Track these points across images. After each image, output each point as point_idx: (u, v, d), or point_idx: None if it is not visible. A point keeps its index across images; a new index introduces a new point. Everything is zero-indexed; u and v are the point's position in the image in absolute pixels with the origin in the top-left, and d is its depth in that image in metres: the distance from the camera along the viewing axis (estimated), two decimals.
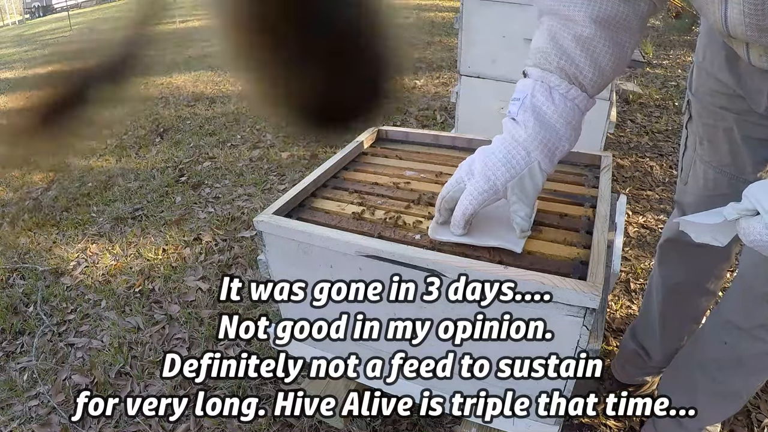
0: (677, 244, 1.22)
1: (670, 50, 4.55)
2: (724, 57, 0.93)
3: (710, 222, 0.67)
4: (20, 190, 2.98)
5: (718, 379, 1.08)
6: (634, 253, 1.96)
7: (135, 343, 1.71)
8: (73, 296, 1.98)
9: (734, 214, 0.63)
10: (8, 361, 1.71)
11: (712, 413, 1.16)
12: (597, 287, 0.78)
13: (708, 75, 1.00)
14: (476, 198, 0.82)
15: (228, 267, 2.05)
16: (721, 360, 1.07)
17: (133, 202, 2.64)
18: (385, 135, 1.50)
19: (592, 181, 1.20)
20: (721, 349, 1.06)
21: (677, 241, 1.21)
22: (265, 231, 1.04)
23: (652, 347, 1.34)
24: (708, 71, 1.00)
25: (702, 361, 1.11)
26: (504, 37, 1.92)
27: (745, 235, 0.62)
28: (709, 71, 0.99)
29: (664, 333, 1.31)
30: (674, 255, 1.24)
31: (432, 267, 0.88)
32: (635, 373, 1.41)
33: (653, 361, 1.36)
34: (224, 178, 2.80)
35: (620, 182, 2.46)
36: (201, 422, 1.41)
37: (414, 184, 1.22)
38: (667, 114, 3.22)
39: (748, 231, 0.61)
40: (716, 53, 0.96)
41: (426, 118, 3.33)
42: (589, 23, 0.74)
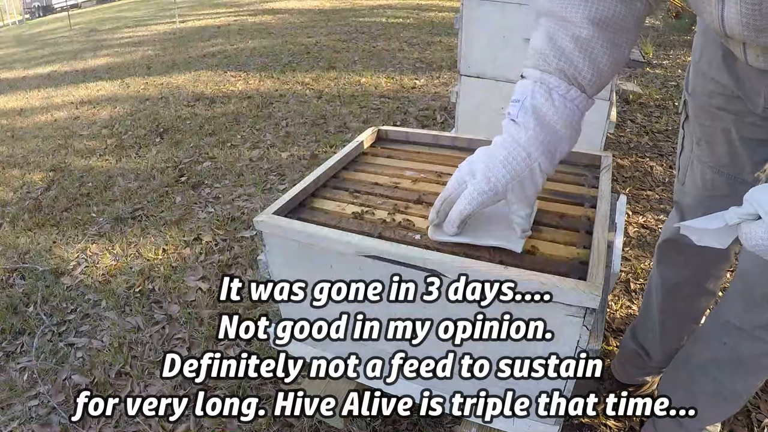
0: (676, 244, 1.22)
1: (670, 50, 4.55)
2: (721, 57, 0.93)
3: (712, 227, 0.67)
4: (20, 190, 2.98)
5: (717, 379, 1.08)
6: (634, 253, 1.96)
7: (135, 343, 1.71)
8: (73, 296, 1.99)
9: (735, 218, 0.63)
10: (8, 361, 1.71)
11: (712, 413, 1.16)
12: (597, 287, 0.78)
13: (705, 76, 1.00)
14: (475, 199, 0.82)
15: (228, 267, 2.05)
16: (720, 360, 1.07)
17: (133, 202, 2.64)
18: (385, 135, 1.50)
19: (592, 181, 1.20)
20: (720, 349, 1.06)
21: (676, 242, 1.21)
22: (265, 231, 1.04)
23: (652, 347, 1.34)
24: (705, 72, 0.99)
25: (702, 362, 1.11)
26: (504, 37, 1.92)
27: (747, 240, 0.61)
28: (705, 72, 0.99)
29: (664, 333, 1.31)
30: (673, 255, 1.24)
31: (432, 267, 0.88)
32: (635, 373, 1.41)
33: (653, 361, 1.36)
34: (224, 178, 2.80)
35: (620, 182, 2.46)
36: (201, 422, 1.41)
37: (414, 184, 1.22)
38: (667, 114, 3.22)
39: (750, 236, 0.61)
40: (713, 54, 0.95)
41: (426, 118, 3.33)
42: (587, 24, 0.74)
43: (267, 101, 3.93)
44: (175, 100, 4.20)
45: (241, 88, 4.34)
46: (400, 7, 7.69)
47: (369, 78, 4.29)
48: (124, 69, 5.64)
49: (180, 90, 4.48)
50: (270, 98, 4.00)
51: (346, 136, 3.16)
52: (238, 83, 4.49)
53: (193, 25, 8.05)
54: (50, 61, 6.93)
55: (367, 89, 4.00)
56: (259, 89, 4.26)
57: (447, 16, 6.68)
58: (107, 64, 6.11)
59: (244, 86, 4.39)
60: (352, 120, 3.40)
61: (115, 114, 4.10)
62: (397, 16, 7.00)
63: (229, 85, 4.46)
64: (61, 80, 5.59)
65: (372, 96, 3.83)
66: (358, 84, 4.16)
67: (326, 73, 4.52)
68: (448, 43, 5.23)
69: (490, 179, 0.81)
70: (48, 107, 4.60)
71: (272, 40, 6.12)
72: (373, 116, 3.44)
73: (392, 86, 4.04)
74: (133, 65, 5.76)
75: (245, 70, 4.89)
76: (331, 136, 3.19)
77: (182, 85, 4.62)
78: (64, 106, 4.54)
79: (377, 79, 4.23)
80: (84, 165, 3.19)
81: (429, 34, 5.70)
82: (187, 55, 5.86)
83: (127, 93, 4.66)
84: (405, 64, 4.64)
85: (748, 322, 0.99)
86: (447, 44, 5.19)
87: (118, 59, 6.26)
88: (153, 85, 4.80)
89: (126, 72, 5.48)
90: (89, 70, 5.95)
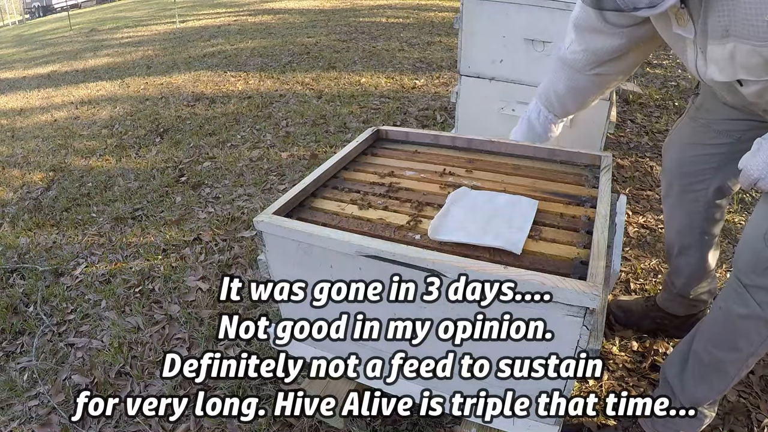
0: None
1: (670, 50, 4.55)
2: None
3: None
4: (20, 190, 2.98)
5: (707, 349, 1.08)
6: (634, 253, 1.96)
7: (135, 343, 1.71)
8: (73, 296, 1.99)
9: None
10: (8, 361, 1.71)
11: (701, 389, 1.14)
12: (597, 287, 0.78)
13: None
14: None
15: (228, 267, 2.05)
16: (714, 330, 1.07)
17: (133, 202, 2.64)
18: (385, 135, 1.50)
19: (592, 181, 1.20)
20: (717, 316, 1.07)
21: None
22: (265, 231, 1.04)
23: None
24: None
25: (701, 330, 1.12)
26: (504, 37, 1.92)
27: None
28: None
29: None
30: None
31: (432, 267, 0.88)
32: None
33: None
34: (224, 178, 2.80)
35: (620, 182, 2.46)
36: (201, 422, 1.41)
37: (414, 183, 1.22)
38: (667, 114, 3.21)
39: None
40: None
41: (426, 118, 3.33)
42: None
43: (267, 101, 3.94)
44: (175, 100, 4.20)
45: (241, 88, 4.34)
46: (400, 7, 7.69)
47: (369, 78, 4.29)
48: (124, 69, 5.64)
49: (180, 90, 4.48)
50: (270, 98, 4.00)
51: (346, 136, 3.16)
52: (238, 83, 4.49)
53: (193, 25, 8.05)
54: (50, 61, 6.93)
55: (367, 89, 4.00)
56: (259, 89, 4.26)
57: (447, 16, 6.68)
58: (107, 64, 6.11)
59: (244, 86, 4.39)
60: (352, 120, 3.40)
61: (115, 114, 4.10)
62: (397, 16, 7.00)
63: (229, 85, 4.46)
64: (61, 80, 5.59)
65: (372, 96, 3.83)
66: (358, 84, 4.16)
67: (326, 73, 4.52)
68: (448, 43, 5.23)
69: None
70: (48, 107, 4.60)
71: (272, 40, 6.12)
72: (373, 116, 3.44)
73: (392, 86, 4.04)
74: (133, 65, 5.76)
75: (245, 70, 4.89)
76: (331, 136, 3.19)
77: (182, 85, 4.62)
78: (64, 106, 4.55)
79: (377, 79, 4.23)
80: (84, 165, 3.19)
81: (429, 34, 5.70)
82: (187, 55, 5.86)
83: (127, 93, 4.66)
84: (405, 64, 4.63)
85: (736, 280, 1.00)
86: (447, 44, 5.19)
87: (118, 59, 6.26)
88: (153, 85, 4.80)
89: (126, 72, 5.48)
90: (89, 70, 5.95)
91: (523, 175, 1.24)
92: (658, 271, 1.87)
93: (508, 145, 1.37)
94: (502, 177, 1.24)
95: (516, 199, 1.10)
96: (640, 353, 1.53)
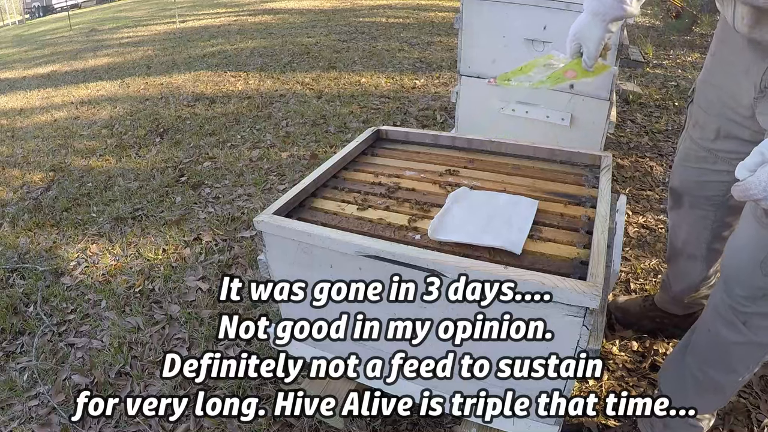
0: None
1: (670, 50, 4.55)
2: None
3: None
4: (20, 190, 2.98)
5: (703, 369, 1.08)
6: (634, 253, 1.96)
7: (135, 343, 1.71)
8: (73, 296, 1.99)
9: (745, 171, 0.71)
10: (8, 361, 1.71)
11: (697, 403, 1.15)
12: (597, 287, 0.78)
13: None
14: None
15: (228, 267, 2.05)
16: (708, 353, 1.07)
17: (133, 202, 2.64)
18: (385, 135, 1.50)
19: (592, 181, 1.20)
20: (708, 339, 1.06)
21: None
22: (265, 231, 1.05)
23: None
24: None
25: (693, 348, 1.12)
26: (504, 37, 1.92)
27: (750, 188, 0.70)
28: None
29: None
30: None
31: (432, 267, 0.88)
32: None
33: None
34: (224, 178, 2.79)
35: (620, 182, 2.46)
36: (201, 422, 1.41)
37: (414, 183, 1.22)
38: (667, 114, 3.22)
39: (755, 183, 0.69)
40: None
41: (426, 118, 3.33)
42: None
43: (267, 101, 3.93)
44: (175, 100, 4.20)
45: (241, 88, 4.34)
46: (400, 7, 7.69)
47: (369, 78, 4.29)
48: (124, 69, 5.64)
49: (180, 90, 4.48)
50: (270, 98, 4.00)
51: (346, 136, 3.16)
52: (238, 83, 4.49)
53: (193, 25, 8.04)
54: (50, 61, 6.93)
55: (367, 89, 4.00)
56: (259, 89, 4.26)
57: (447, 16, 6.68)
58: (107, 64, 6.11)
59: (244, 86, 4.39)
60: (352, 120, 3.40)
61: (115, 114, 4.10)
62: (397, 16, 7.00)
63: (229, 85, 4.46)
64: (61, 80, 5.59)
65: (372, 96, 3.83)
66: (358, 84, 4.16)
67: (326, 73, 4.52)
68: (448, 43, 5.23)
69: None
70: (48, 107, 4.60)
71: (272, 40, 6.11)
72: (373, 116, 3.44)
73: (392, 86, 4.04)
74: (133, 65, 5.76)
75: (245, 70, 4.89)
76: (331, 136, 3.19)
77: (182, 85, 4.62)
78: (64, 106, 4.54)
79: (377, 79, 4.23)
80: (84, 165, 3.19)
81: (429, 34, 5.70)
82: (187, 55, 5.86)
83: (127, 93, 4.66)
84: (405, 64, 4.63)
85: (728, 307, 0.99)
86: (447, 44, 5.19)
87: (118, 59, 6.26)
88: (153, 85, 4.80)
89: (126, 72, 5.48)
90: (89, 70, 5.95)
91: (523, 175, 1.24)
92: (658, 271, 1.87)
93: (508, 145, 1.37)
94: (502, 177, 1.24)
95: (516, 199, 1.10)
96: (640, 353, 1.53)
